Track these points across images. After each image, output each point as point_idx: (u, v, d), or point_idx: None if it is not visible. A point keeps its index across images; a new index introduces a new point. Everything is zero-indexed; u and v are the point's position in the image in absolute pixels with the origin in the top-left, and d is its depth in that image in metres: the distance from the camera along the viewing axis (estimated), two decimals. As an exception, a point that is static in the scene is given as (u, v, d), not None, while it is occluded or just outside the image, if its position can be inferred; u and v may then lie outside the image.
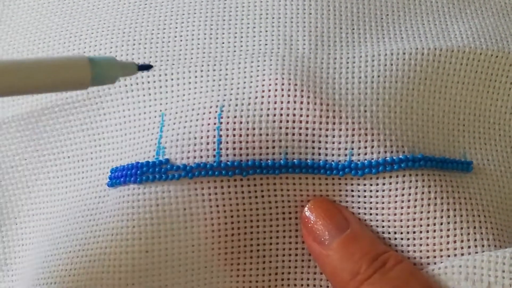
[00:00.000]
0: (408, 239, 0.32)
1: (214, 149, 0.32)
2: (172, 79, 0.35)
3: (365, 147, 0.32)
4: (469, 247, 0.31)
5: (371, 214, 0.32)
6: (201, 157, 0.32)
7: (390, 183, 0.32)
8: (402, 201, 0.32)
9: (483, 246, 0.31)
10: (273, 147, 0.32)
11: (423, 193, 0.31)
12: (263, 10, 0.37)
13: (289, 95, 0.33)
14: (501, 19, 0.38)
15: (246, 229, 0.33)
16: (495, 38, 0.36)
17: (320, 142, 0.32)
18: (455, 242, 0.31)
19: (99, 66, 0.27)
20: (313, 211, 0.32)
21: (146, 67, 0.30)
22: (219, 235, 0.33)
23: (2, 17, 0.40)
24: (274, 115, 0.32)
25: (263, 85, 0.33)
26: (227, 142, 0.32)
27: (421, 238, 0.31)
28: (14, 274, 0.37)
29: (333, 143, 0.32)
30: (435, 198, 0.31)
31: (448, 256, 0.31)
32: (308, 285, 0.34)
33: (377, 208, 0.32)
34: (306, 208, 0.33)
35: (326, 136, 0.32)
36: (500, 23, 0.38)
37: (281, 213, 0.33)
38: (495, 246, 0.31)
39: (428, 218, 0.31)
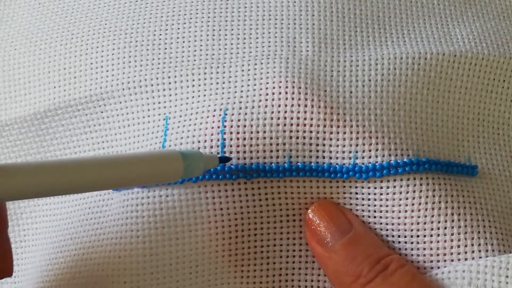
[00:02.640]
0: (411, 242, 0.32)
1: (218, 153, 0.32)
2: (175, 82, 0.35)
3: (370, 150, 0.32)
4: (473, 251, 0.31)
5: (375, 217, 0.32)
6: None
7: (395, 187, 0.32)
8: (406, 205, 0.32)
9: (487, 251, 0.31)
10: (277, 151, 0.32)
11: (427, 196, 0.31)
12: (266, 12, 0.36)
13: (293, 98, 0.33)
14: (501, 22, 0.38)
15: (250, 231, 0.33)
16: (497, 43, 0.36)
17: (324, 145, 0.32)
18: (459, 246, 0.31)
19: (189, 159, 0.29)
20: (317, 213, 0.32)
21: (226, 160, 0.32)
22: (223, 237, 0.33)
23: (3, 17, 0.40)
24: (278, 118, 0.32)
25: (267, 88, 0.33)
26: (231, 146, 0.32)
27: (424, 242, 0.31)
28: (17, 276, 0.37)
29: (337, 146, 0.32)
30: (440, 202, 0.31)
31: (452, 260, 0.31)
32: (312, 286, 0.34)
33: (381, 211, 0.32)
34: (309, 210, 0.33)
35: (330, 139, 0.32)
36: (501, 27, 0.38)
37: (285, 215, 0.33)
38: (499, 251, 0.31)
39: (432, 222, 0.31)
